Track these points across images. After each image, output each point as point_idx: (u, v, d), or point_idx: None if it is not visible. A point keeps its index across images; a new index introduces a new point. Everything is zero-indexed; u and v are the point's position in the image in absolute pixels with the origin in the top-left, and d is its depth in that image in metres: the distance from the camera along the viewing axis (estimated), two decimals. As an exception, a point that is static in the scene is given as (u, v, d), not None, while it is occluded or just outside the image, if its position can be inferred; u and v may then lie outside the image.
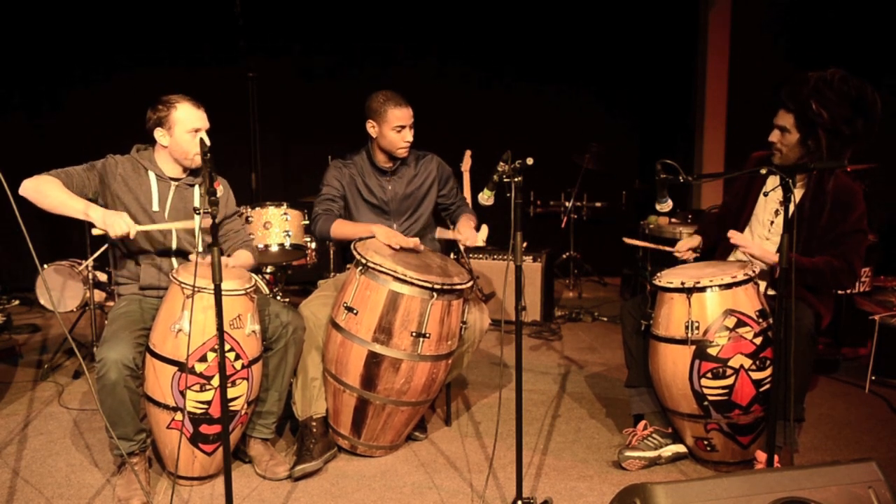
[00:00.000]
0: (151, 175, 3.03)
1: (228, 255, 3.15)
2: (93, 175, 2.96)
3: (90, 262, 4.26)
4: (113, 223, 2.73)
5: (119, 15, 6.00)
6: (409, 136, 3.39)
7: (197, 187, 3.08)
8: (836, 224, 2.98)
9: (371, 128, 3.41)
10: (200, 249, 2.92)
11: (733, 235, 3.03)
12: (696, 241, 3.38)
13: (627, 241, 3.44)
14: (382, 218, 3.47)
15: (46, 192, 2.76)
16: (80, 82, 6.03)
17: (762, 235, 3.19)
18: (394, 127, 3.34)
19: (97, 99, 6.01)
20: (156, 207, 3.01)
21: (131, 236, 2.76)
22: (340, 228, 3.37)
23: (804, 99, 2.94)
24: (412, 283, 2.92)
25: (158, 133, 2.97)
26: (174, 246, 3.05)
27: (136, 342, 2.79)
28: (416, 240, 3.25)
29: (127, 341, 2.75)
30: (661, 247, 3.48)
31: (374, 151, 3.46)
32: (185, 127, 2.94)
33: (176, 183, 3.05)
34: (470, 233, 3.42)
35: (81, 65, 6.00)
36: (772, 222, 3.17)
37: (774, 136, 3.07)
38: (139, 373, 2.77)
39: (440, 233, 3.56)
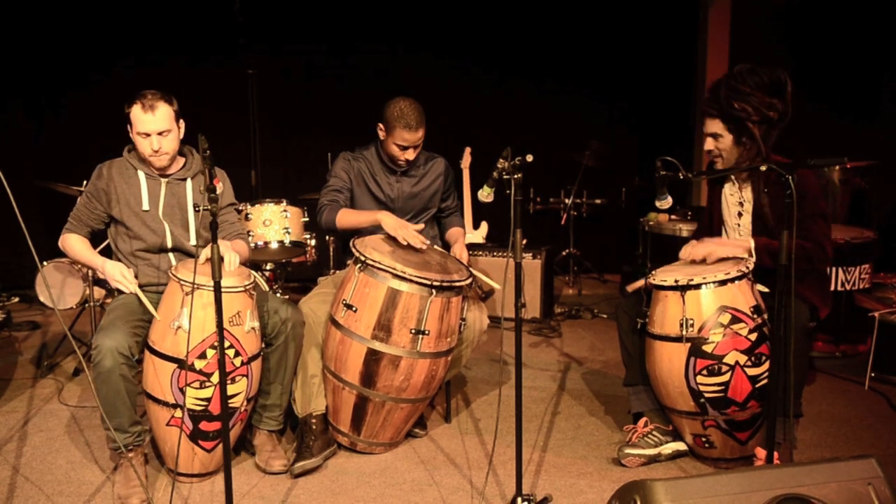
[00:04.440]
0: (141, 174, 3.02)
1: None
2: (93, 203, 3.04)
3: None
4: (117, 278, 2.94)
5: (118, 13, 5.98)
6: (410, 155, 3.39)
7: (189, 181, 3.07)
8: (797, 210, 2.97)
9: (380, 131, 3.41)
10: (195, 242, 2.96)
11: (690, 254, 3.07)
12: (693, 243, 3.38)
13: (630, 287, 3.42)
14: (387, 215, 3.47)
15: (69, 250, 3.10)
16: (80, 81, 6.01)
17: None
18: (397, 144, 3.34)
19: (97, 98, 5.97)
20: (146, 207, 3.01)
21: (129, 290, 2.94)
22: (346, 217, 3.37)
23: (724, 101, 3.00)
24: (411, 280, 2.92)
25: (130, 131, 2.98)
26: (170, 244, 3.04)
27: (132, 331, 2.79)
28: (423, 239, 3.23)
29: (123, 330, 2.76)
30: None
31: (384, 150, 3.46)
32: (135, 128, 2.94)
33: (166, 179, 3.05)
34: (464, 255, 3.46)
35: (81, 63, 5.98)
36: (738, 224, 3.20)
37: (709, 144, 3.11)
38: (135, 362, 2.78)
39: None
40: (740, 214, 3.19)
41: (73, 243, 3.09)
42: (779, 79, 3.00)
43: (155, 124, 2.91)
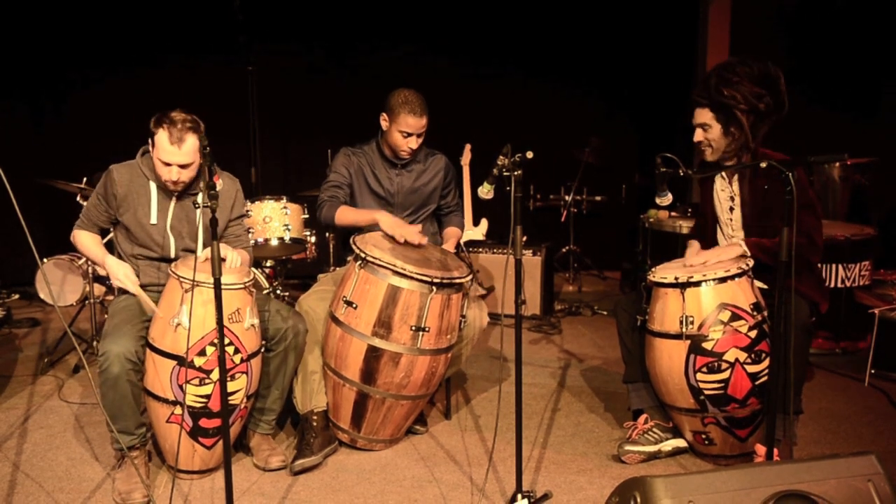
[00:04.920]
0: (152, 186, 2.98)
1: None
2: (102, 205, 3.01)
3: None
4: (119, 278, 2.91)
5: (119, 11, 5.97)
6: (413, 143, 3.39)
7: (201, 196, 3.03)
8: (783, 203, 2.95)
9: (383, 121, 3.41)
10: (201, 247, 2.95)
11: (690, 266, 3.05)
12: (697, 247, 3.37)
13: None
14: (386, 210, 3.46)
15: (78, 246, 3.10)
16: (80, 78, 6.00)
17: (730, 235, 3.21)
18: (401, 130, 3.35)
19: (97, 95, 5.99)
20: (154, 220, 2.98)
21: (129, 290, 2.92)
22: (345, 215, 3.37)
23: (713, 89, 3.02)
24: (411, 277, 2.92)
25: (150, 144, 2.91)
26: (172, 254, 3.02)
27: (138, 335, 2.79)
28: (421, 234, 3.23)
29: (129, 335, 2.76)
30: None
31: (384, 144, 3.47)
32: (157, 153, 2.85)
33: (177, 194, 3.01)
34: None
35: (81, 61, 5.96)
36: (731, 219, 3.20)
37: (698, 135, 3.13)
38: (141, 366, 2.78)
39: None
40: (731, 209, 3.19)
41: (83, 239, 3.08)
42: (768, 71, 3.02)
43: (179, 157, 2.83)
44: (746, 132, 3.02)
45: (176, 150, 2.81)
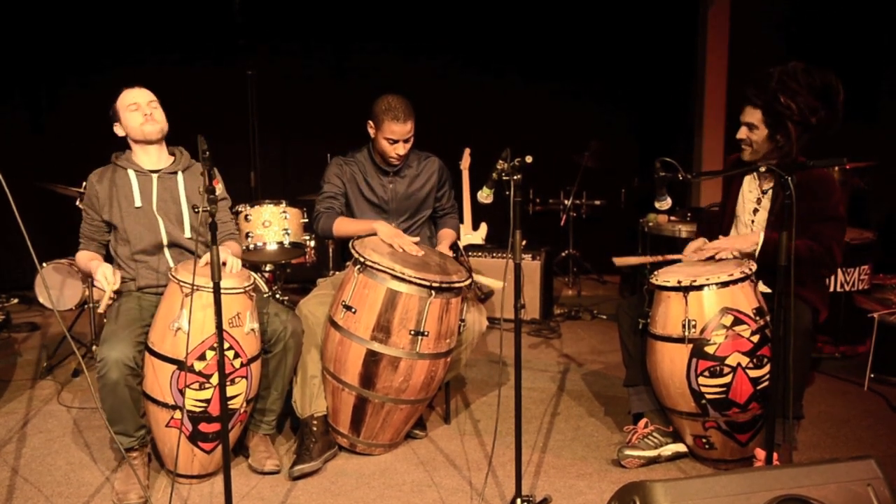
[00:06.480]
0: (131, 172, 3.05)
1: None
2: (90, 214, 3.06)
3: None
4: (97, 279, 2.87)
5: (118, 14, 5.98)
6: (401, 149, 3.38)
7: (180, 174, 3.08)
8: (811, 212, 2.95)
9: (370, 129, 3.41)
10: (189, 235, 3.04)
11: (702, 252, 3.08)
12: (702, 242, 3.37)
13: (618, 261, 3.45)
14: (382, 217, 3.46)
15: (80, 266, 3.11)
16: (80, 82, 5.99)
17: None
18: (387, 138, 3.35)
19: (97, 99, 5.91)
20: (138, 203, 3.01)
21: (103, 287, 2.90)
22: (342, 226, 3.37)
23: (771, 93, 2.97)
24: (410, 282, 2.92)
25: (117, 129, 3.08)
26: (165, 241, 3.04)
27: (136, 340, 2.80)
28: (418, 247, 3.24)
29: (127, 340, 2.76)
30: (654, 258, 3.45)
31: (374, 151, 3.47)
32: (124, 105, 3.04)
33: (157, 174, 3.06)
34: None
35: (81, 64, 5.97)
36: (752, 221, 3.19)
37: (742, 132, 3.10)
38: (140, 371, 2.78)
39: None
40: (756, 211, 3.18)
41: (80, 258, 3.10)
42: (830, 83, 2.96)
43: (143, 96, 3.05)
44: (793, 142, 2.98)
45: (137, 91, 3.07)
